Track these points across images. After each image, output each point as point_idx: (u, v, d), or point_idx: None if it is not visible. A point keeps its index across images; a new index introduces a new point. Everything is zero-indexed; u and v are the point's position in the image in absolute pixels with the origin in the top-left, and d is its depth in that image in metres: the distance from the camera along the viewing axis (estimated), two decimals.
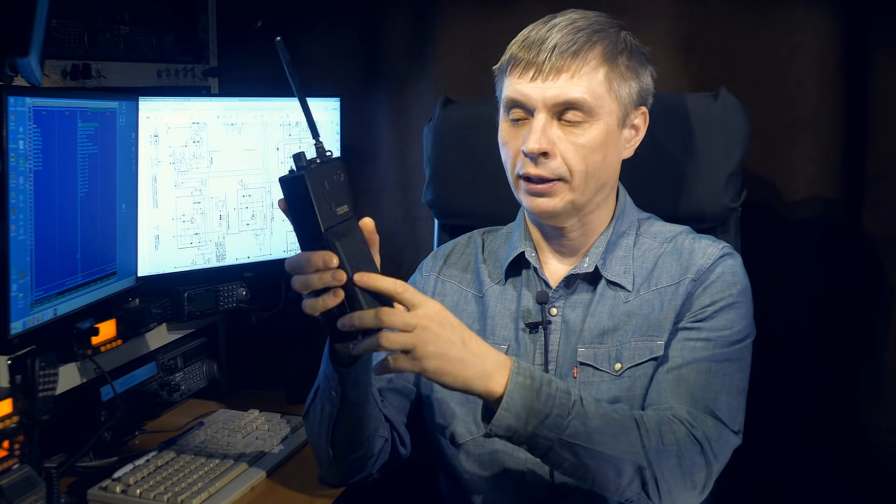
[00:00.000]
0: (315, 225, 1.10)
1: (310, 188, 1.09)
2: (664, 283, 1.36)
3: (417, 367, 1.13)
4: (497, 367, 1.16)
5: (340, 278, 1.10)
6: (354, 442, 1.36)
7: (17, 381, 1.38)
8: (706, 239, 1.40)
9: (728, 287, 1.33)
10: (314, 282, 1.11)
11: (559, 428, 1.16)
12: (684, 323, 1.32)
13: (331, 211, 1.11)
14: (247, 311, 1.98)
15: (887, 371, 1.77)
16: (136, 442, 1.75)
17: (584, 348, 1.35)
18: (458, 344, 1.14)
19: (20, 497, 1.29)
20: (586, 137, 1.30)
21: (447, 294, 1.47)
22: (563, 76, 1.28)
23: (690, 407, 1.26)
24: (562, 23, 1.31)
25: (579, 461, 1.18)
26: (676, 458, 1.21)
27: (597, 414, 1.19)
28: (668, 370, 1.30)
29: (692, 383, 1.28)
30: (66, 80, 1.61)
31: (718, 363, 1.30)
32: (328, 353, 1.28)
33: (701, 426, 1.24)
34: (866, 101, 1.74)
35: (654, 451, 1.20)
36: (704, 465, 1.24)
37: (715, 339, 1.30)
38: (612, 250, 1.39)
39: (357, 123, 2.09)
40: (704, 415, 1.26)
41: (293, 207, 1.12)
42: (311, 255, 1.10)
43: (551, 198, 1.32)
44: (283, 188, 1.11)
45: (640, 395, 1.32)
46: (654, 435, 1.20)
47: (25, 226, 1.36)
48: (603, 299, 1.37)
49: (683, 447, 1.22)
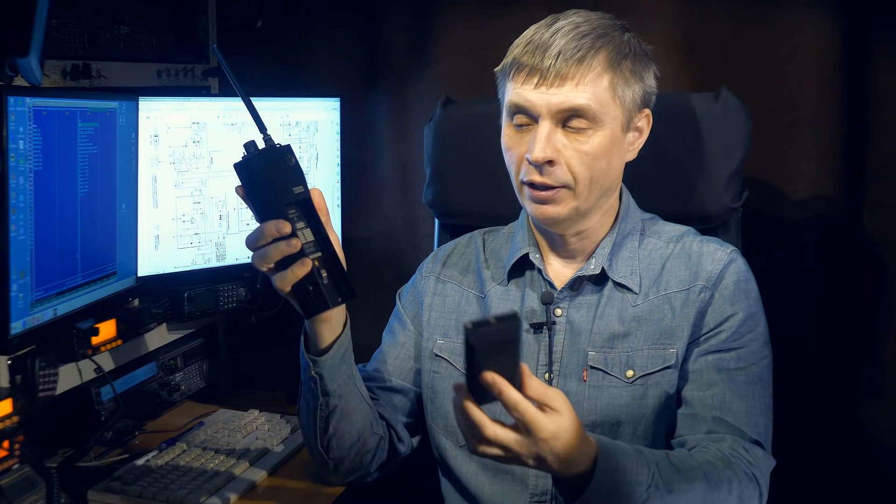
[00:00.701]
0: (273, 200, 1.15)
1: (263, 166, 1.15)
2: (674, 289, 1.36)
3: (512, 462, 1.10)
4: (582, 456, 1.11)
5: (294, 245, 1.14)
6: (343, 437, 1.35)
7: (17, 381, 1.38)
8: (714, 242, 1.40)
9: (745, 296, 1.34)
10: (270, 252, 1.15)
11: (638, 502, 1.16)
12: (713, 342, 1.32)
13: (287, 189, 1.16)
14: (247, 311, 1.98)
15: (887, 371, 1.77)
16: (136, 442, 1.75)
17: (594, 352, 1.35)
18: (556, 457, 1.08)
19: (20, 497, 1.29)
20: (591, 144, 1.29)
21: (447, 295, 1.47)
22: (568, 83, 1.27)
23: (741, 438, 1.28)
24: (565, 27, 1.29)
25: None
26: (738, 500, 1.23)
27: (672, 480, 1.18)
28: (708, 394, 1.30)
29: (736, 411, 1.29)
30: (66, 80, 1.61)
31: (754, 384, 1.32)
32: (302, 342, 1.29)
33: (754, 460, 1.27)
34: (866, 101, 1.74)
35: (720, 502, 1.22)
36: (758, 498, 1.27)
37: (746, 358, 1.32)
38: (617, 251, 1.39)
39: (357, 123, 2.09)
40: (753, 446, 1.28)
41: (250, 189, 1.17)
42: (265, 224, 1.15)
43: (555, 205, 1.32)
44: (238, 173, 1.17)
45: (653, 404, 1.32)
46: (722, 486, 1.21)
47: (25, 226, 1.36)
48: (611, 302, 1.37)
49: (744, 487, 1.24)
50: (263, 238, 1.15)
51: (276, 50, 2.11)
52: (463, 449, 1.39)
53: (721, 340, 1.32)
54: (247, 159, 1.16)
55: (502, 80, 1.36)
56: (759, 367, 1.33)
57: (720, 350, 1.32)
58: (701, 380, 1.31)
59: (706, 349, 1.32)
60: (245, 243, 1.18)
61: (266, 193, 1.16)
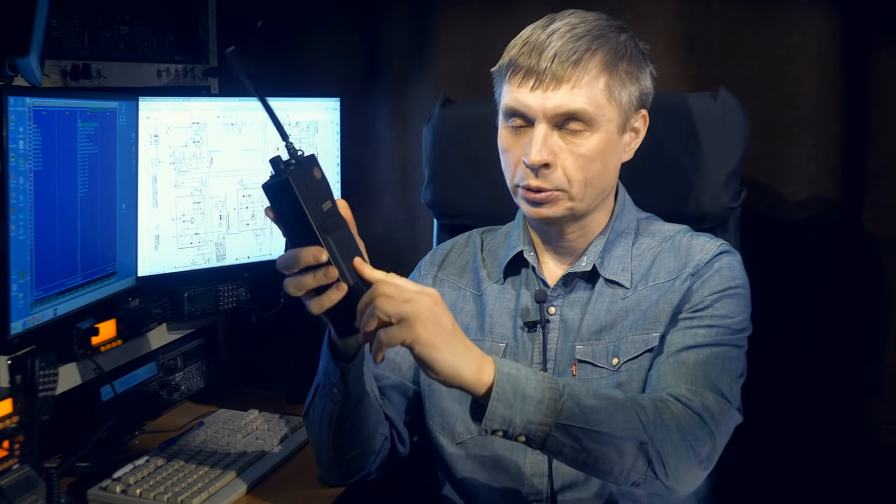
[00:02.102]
0: (306, 225, 1.09)
1: (296, 190, 1.08)
2: (662, 279, 1.36)
3: (410, 335, 1.08)
4: (483, 359, 1.13)
5: (331, 276, 1.10)
6: (356, 439, 1.36)
7: (17, 381, 1.38)
8: (704, 236, 1.40)
9: (727, 280, 1.33)
10: (308, 282, 1.10)
11: (553, 412, 1.13)
12: (684, 314, 1.32)
13: (317, 209, 1.11)
14: (247, 311, 1.98)
15: (887, 371, 1.77)
16: (136, 442, 1.75)
17: (582, 346, 1.35)
18: (450, 328, 1.11)
19: (20, 497, 1.29)
20: (587, 147, 1.30)
21: (445, 293, 1.47)
22: (564, 86, 1.27)
23: (690, 384, 1.24)
24: (561, 28, 1.29)
25: (579, 445, 1.14)
26: (677, 431, 1.18)
27: (589, 394, 1.16)
28: (668, 355, 1.29)
29: (692, 365, 1.26)
30: (66, 80, 1.61)
31: (719, 347, 1.28)
32: (329, 349, 1.28)
33: (700, 399, 1.22)
34: (866, 101, 1.74)
35: (652, 425, 1.17)
36: (707, 438, 1.21)
37: (716, 326, 1.30)
38: (610, 249, 1.39)
39: (357, 123, 2.09)
40: (705, 390, 1.24)
41: (281, 212, 1.10)
42: (301, 251, 1.09)
43: (551, 206, 1.32)
44: (267, 195, 1.10)
45: (638, 388, 1.31)
46: (650, 410, 1.18)
47: (25, 226, 1.36)
48: (601, 297, 1.37)
49: (683, 420, 1.19)
50: (298, 265, 1.10)
51: (276, 50, 2.11)
52: (461, 447, 1.39)
53: (692, 312, 1.31)
54: (276, 182, 1.09)
55: (499, 81, 1.37)
56: (730, 338, 1.30)
57: (690, 318, 1.31)
58: (665, 347, 1.30)
59: (678, 319, 1.31)
60: (277, 266, 1.12)
61: (297, 216, 1.09)
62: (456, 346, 1.11)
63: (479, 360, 1.13)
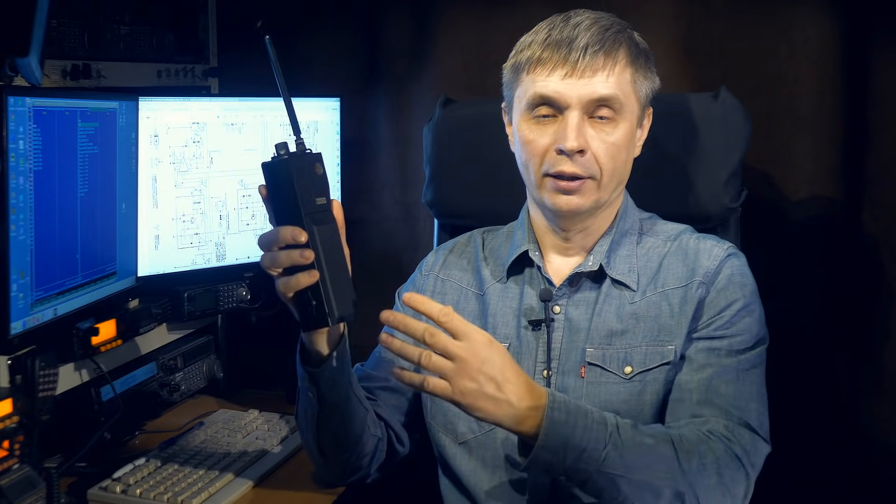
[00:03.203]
0: (294, 207, 1.13)
1: (292, 172, 1.13)
2: (671, 285, 1.36)
3: (452, 397, 1.14)
4: (531, 408, 1.16)
5: (307, 256, 1.14)
6: (342, 443, 1.36)
7: (17, 381, 1.38)
8: (711, 239, 1.40)
9: (740, 289, 1.34)
10: (282, 258, 1.15)
11: (596, 461, 1.17)
12: (705, 330, 1.33)
13: (310, 198, 1.15)
14: (247, 311, 1.98)
15: (887, 370, 1.77)
16: (136, 442, 1.75)
17: (592, 349, 1.35)
18: (496, 383, 1.14)
19: (20, 497, 1.29)
20: (616, 135, 1.31)
21: (447, 293, 1.47)
22: (599, 74, 1.29)
23: (726, 420, 1.27)
24: (585, 22, 1.31)
25: (617, 489, 1.19)
26: (717, 475, 1.22)
27: (634, 442, 1.20)
28: (698, 381, 1.30)
29: (724, 395, 1.28)
30: (66, 80, 1.61)
31: (745, 371, 1.31)
32: (298, 352, 1.29)
33: (738, 440, 1.25)
34: (866, 101, 1.74)
35: (693, 473, 1.20)
36: (744, 479, 1.25)
37: (737, 346, 1.31)
38: (615, 249, 1.39)
39: (357, 123, 2.09)
40: (740, 427, 1.27)
41: (274, 191, 1.16)
42: (281, 228, 1.14)
43: (580, 196, 1.32)
44: (264, 172, 1.15)
45: (651, 400, 1.32)
46: (693, 457, 1.21)
47: (25, 226, 1.36)
48: (608, 299, 1.37)
49: (723, 464, 1.23)
50: (277, 242, 1.14)
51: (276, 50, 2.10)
52: (463, 446, 1.39)
53: (713, 328, 1.32)
54: (275, 161, 1.15)
55: (514, 76, 1.36)
56: (751, 356, 1.32)
57: (711, 337, 1.32)
58: (690, 365, 1.31)
59: (698, 337, 1.33)
60: (257, 242, 1.17)
61: (288, 199, 1.14)
62: (501, 403, 1.15)
63: (526, 413, 1.16)
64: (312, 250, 1.14)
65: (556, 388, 1.34)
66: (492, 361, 1.14)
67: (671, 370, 1.32)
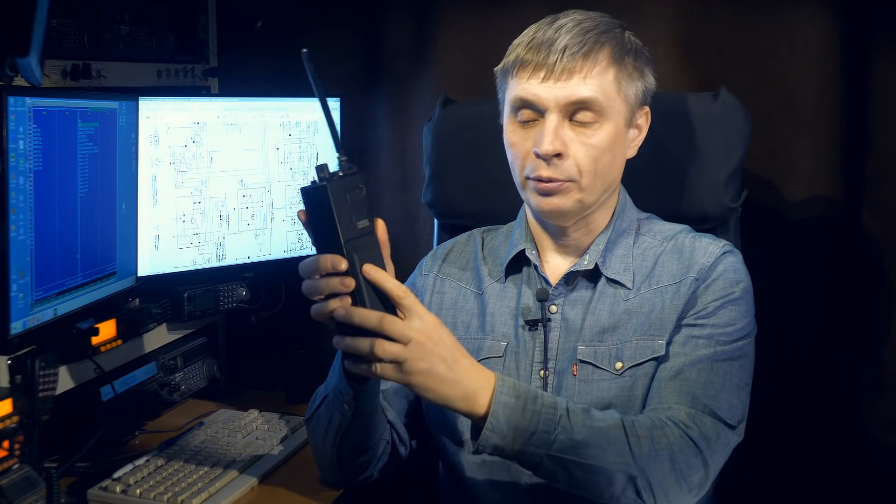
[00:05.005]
0: (335, 236, 1.09)
1: (331, 199, 1.08)
2: (665, 282, 1.36)
3: (403, 379, 1.13)
4: (481, 388, 1.16)
5: (348, 285, 1.09)
6: (361, 448, 1.36)
7: (17, 381, 1.38)
8: (707, 237, 1.40)
9: (731, 285, 1.34)
10: (321, 287, 1.10)
11: (546, 444, 1.17)
12: (687, 320, 1.33)
13: (351, 223, 1.10)
14: (247, 311, 1.98)
15: (887, 371, 1.77)
16: (136, 442, 1.75)
17: (583, 346, 1.35)
18: (447, 363, 1.14)
19: (20, 497, 1.29)
20: (597, 138, 1.30)
21: (446, 292, 1.47)
22: (576, 77, 1.28)
23: (690, 407, 1.26)
24: (568, 24, 1.31)
25: (570, 474, 1.19)
26: (670, 461, 1.21)
27: (584, 426, 1.19)
28: (670, 368, 1.30)
29: (693, 382, 1.28)
30: (66, 80, 1.61)
31: (720, 361, 1.30)
32: (341, 368, 1.26)
33: (698, 426, 1.24)
34: (866, 101, 1.74)
35: (645, 457, 1.20)
36: (701, 466, 1.24)
37: (717, 337, 1.31)
38: (612, 248, 1.39)
39: (357, 123, 2.09)
40: (703, 415, 1.26)
41: (313, 218, 1.11)
42: (321, 256, 1.10)
43: (561, 196, 1.32)
44: (304, 198, 1.10)
45: (641, 395, 1.32)
46: (645, 441, 1.21)
47: (25, 226, 1.36)
48: (603, 297, 1.37)
49: (677, 450, 1.22)
50: (317, 271, 1.10)
51: (276, 50, 2.11)
52: (462, 446, 1.39)
53: (694, 317, 1.32)
54: (314, 188, 1.09)
55: (503, 79, 1.37)
56: (731, 348, 1.31)
57: (692, 325, 1.32)
58: (668, 357, 1.31)
59: (681, 326, 1.32)
60: (298, 270, 1.13)
61: (328, 227, 1.09)
62: (451, 382, 1.15)
63: (476, 390, 1.16)
64: (353, 278, 1.10)
65: (553, 388, 1.35)
66: (443, 342, 1.14)
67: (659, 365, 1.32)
